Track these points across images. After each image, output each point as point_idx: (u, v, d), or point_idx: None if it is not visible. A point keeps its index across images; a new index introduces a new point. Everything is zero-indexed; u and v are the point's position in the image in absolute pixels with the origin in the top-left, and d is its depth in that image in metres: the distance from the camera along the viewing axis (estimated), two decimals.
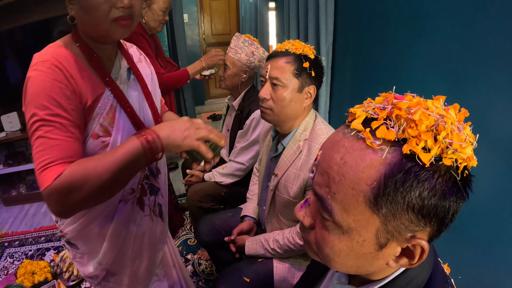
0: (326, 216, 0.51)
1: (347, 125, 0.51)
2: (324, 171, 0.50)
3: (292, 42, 1.27)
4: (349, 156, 0.47)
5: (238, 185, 2.00)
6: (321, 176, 0.51)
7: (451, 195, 0.44)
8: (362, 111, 0.49)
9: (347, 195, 0.47)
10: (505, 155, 0.94)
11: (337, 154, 0.49)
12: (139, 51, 1.12)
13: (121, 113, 0.95)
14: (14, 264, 2.36)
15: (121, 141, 0.93)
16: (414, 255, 0.49)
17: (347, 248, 0.51)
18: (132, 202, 1.04)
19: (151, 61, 2.05)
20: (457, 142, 0.43)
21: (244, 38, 1.88)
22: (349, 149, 0.47)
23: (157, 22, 2.10)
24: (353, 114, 0.50)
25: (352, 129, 0.48)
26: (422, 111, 0.44)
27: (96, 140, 0.90)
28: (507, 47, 0.95)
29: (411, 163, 0.43)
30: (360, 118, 0.48)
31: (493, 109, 0.97)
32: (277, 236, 1.36)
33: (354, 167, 0.46)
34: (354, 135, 0.48)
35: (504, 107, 0.94)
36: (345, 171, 0.47)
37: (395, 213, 0.45)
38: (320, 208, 0.52)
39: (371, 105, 0.49)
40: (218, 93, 5.75)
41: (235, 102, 2.00)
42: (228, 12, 5.39)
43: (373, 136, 0.46)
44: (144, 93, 1.05)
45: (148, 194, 1.09)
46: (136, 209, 1.06)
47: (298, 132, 1.30)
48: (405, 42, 1.38)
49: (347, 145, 0.48)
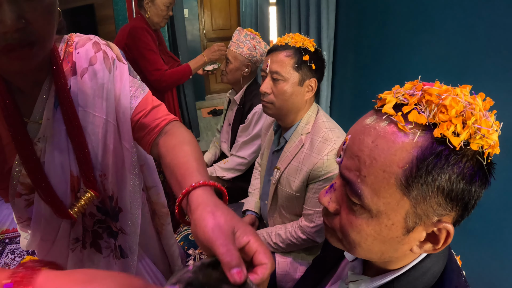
0: (355, 200, 0.51)
1: (376, 110, 0.52)
2: (354, 155, 0.51)
3: (291, 36, 1.26)
4: (381, 139, 0.48)
5: (240, 179, 2.00)
6: (350, 160, 0.52)
7: (478, 180, 0.46)
8: (392, 97, 0.50)
9: (378, 178, 0.48)
10: (506, 151, 0.94)
11: (368, 137, 0.50)
12: (97, 46, 0.81)
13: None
14: (15, 261, 2.36)
15: None
16: (439, 239, 0.50)
17: (374, 232, 0.51)
18: (80, 249, 0.94)
19: (154, 58, 2.03)
20: (485, 128, 0.45)
21: (246, 32, 1.88)
22: (381, 132, 0.48)
23: (161, 17, 2.09)
24: (383, 99, 0.51)
25: (383, 113, 0.49)
26: (452, 97, 0.45)
27: (19, 198, 0.82)
28: (508, 41, 0.95)
29: (441, 147, 0.45)
30: (391, 103, 0.49)
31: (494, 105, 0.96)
32: (279, 230, 1.36)
33: (386, 150, 0.47)
34: (386, 119, 0.49)
35: (505, 102, 0.94)
36: (376, 153, 0.48)
37: (425, 195, 0.46)
38: (349, 192, 0.52)
39: (400, 91, 0.50)
40: (219, 88, 5.74)
41: (237, 96, 2.00)
42: (228, 7, 5.37)
43: (405, 120, 0.47)
44: (69, 126, 0.78)
45: (105, 237, 0.95)
46: (91, 252, 0.95)
47: (300, 126, 1.30)
48: (406, 36, 1.37)
49: (378, 128, 0.49)
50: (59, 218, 0.86)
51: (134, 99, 0.84)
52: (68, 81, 0.77)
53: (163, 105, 0.88)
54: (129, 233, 0.94)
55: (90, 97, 0.79)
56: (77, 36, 0.82)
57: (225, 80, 1.99)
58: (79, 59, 0.79)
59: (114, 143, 0.84)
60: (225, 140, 2.16)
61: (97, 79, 0.79)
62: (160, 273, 1.13)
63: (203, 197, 0.57)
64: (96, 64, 0.79)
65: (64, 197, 0.83)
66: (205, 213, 0.52)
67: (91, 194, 0.84)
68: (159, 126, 0.82)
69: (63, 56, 0.78)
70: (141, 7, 2.07)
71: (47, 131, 0.77)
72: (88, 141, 0.81)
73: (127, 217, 0.93)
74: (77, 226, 0.91)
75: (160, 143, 0.80)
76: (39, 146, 0.78)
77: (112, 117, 0.82)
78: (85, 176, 0.82)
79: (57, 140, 0.79)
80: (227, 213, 0.53)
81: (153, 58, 2.02)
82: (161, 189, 1.07)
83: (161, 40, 2.27)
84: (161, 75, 2.03)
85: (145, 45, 2.00)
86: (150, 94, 0.88)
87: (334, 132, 1.22)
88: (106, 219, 0.93)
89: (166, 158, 0.74)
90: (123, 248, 0.96)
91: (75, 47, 0.80)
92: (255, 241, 0.49)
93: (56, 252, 0.92)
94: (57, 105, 0.77)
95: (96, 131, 0.81)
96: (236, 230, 0.51)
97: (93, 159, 0.83)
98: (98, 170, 0.84)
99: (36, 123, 0.76)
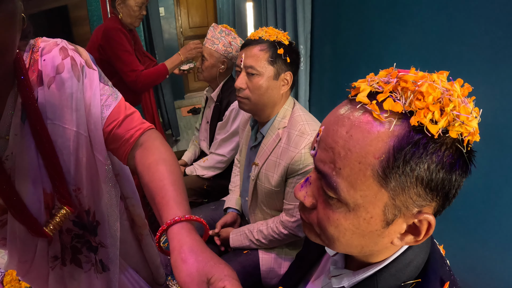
0: (330, 194, 0.49)
1: (350, 99, 0.50)
2: (329, 146, 0.49)
3: (265, 30, 1.24)
4: (356, 129, 0.46)
5: (220, 177, 1.98)
6: (324, 152, 0.50)
7: (458, 168, 0.45)
8: (366, 85, 0.48)
9: (353, 170, 0.46)
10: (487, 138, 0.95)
11: (342, 128, 0.47)
12: (64, 52, 0.75)
13: None
14: (0, 272, 2.28)
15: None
16: (420, 231, 0.48)
17: (353, 227, 0.49)
18: (60, 266, 0.90)
19: (129, 59, 1.98)
20: (464, 115, 0.43)
21: (221, 29, 1.85)
22: (355, 122, 0.46)
23: (134, 18, 2.04)
24: (357, 88, 0.49)
25: (357, 103, 0.47)
26: (429, 83, 0.44)
27: None
28: (485, 32, 0.96)
29: (418, 136, 0.43)
30: (365, 92, 0.47)
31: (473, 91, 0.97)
32: (261, 226, 1.35)
33: (361, 140, 0.45)
34: (360, 108, 0.47)
35: (482, 93, 0.95)
36: (351, 145, 0.46)
37: (404, 186, 0.45)
38: (324, 185, 0.50)
39: (375, 79, 0.48)
40: (198, 86, 5.69)
41: (214, 93, 1.98)
42: (205, 4, 5.31)
43: (380, 109, 0.45)
44: (38, 141, 0.73)
45: (85, 252, 0.91)
46: (71, 268, 0.91)
47: (276, 120, 1.28)
48: (383, 29, 1.37)
49: (353, 118, 0.47)
50: (35, 237, 0.82)
51: (106, 109, 0.79)
52: (35, 92, 0.71)
53: (137, 113, 0.84)
54: (109, 245, 0.91)
55: (59, 109, 0.74)
56: (43, 41, 0.76)
57: (201, 78, 1.97)
58: (45, 67, 0.72)
59: (87, 155, 0.79)
60: (204, 138, 2.14)
61: (65, 88, 0.73)
62: (143, 281, 1.11)
63: (178, 237, 0.58)
64: (64, 72, 0.73)
65: (38, 215, 0.78)
66: (179, 261, 0.55)
67: (66, 211, 0.80)
68: (134, 137, 0.79)
69: (28, 65, 0.72)
70: (114, 7, 2.02)
71: (16, 147, 0.72)
72: (59, 155, 0.76)
73: (105, 231, 0.89)
74: (55, 243, 0.86)
75: (137, 159, 0.77)
76: (8, 164, 0.73)
77: (84, 128, 0.77)
78: (59, 193, 0.78)
79: (27, 157, 0.73)
80: (200, 260, 0.55)
81: (128, 59, 1.98)
82: (138, 200, 1.04)
83: (136, 39, 2.22)
84: (136, 76, 1.99)
85: (120, 46, 1.95)
86: (123, 101, 0.83)
87: (311, 125, 1.21)
88: (84, 233, 0.89)
89: (143, 178, 0.72)
90: (104, 262, 0.93)
91: (41, 53, 0.73)
92: (231, 286, 0.51)
93: (36, 271, 0.88)
94: (25, 119, 0.71)
95: (67, 144, 0.76)
96: (210, 276, 0.53)
97: (66, 174, 0.78)
98: (71, 185, 0.80)
99: (3, 139, 0.71)
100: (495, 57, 0.94)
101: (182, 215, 0.60)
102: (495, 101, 0.95)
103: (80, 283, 0.92)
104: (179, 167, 0.77)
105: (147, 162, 0.74)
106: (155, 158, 0.74)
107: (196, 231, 0.62)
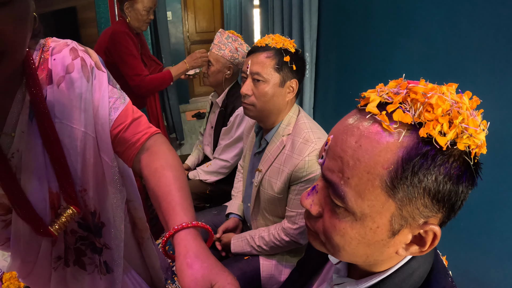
0: (338, 203, 0.49)
1: (359, 109, 0.50)
2: (337, 156, 0.49)
3: (272, 37, 1.25)
4: (365, 139, 0.46)
5: (223, 182, 1.98)
6: (333, 161, 0.50)
7: (465, 180, 0.45)
8: (376, 95, 0.48)
9: (362, 180, 0.46)
10: (490, 150, 0.95)
11: (352, 137, 0.47)
12: (75, 53, 0.75)
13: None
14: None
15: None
16: (425, 241, 0.49)
17: (359, 236, 0.49)
18: (63, 267, 0.90)
19: (134, 63, 1.99)
20: (473, 128, 0.43)
21: (228, 34, 1.87)
22: (364, 132, 0.46)
23: (141, 22, 2.06)
24: (366, 98, 0.49)
25: (366, 113, 0.47)
26: (438, 95, 0.44)
27: None
28: (490, 41, 0.96)
29: (427, 147, 0.43)
30: (375, 102, 0.47)
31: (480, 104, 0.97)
32: (262, 233, 1.35)
33: (370, 151, 0.45)
34: (369, 118, 0.47)
35: (487, 102, 0.95)
36: (360, 154, 0.46)
37: (411, 197, 0.45)
38: (331, 194, 0.50)
39: (384, 90, 0.49)
40: (203, 91, 5.72)
41: (219, 99, 1.98)
42: (212, 10, 5.36)
43: (389, 119, 0.45)
44: (45, 140, 0.73)
45: (89, 253, 0.91)
46: (74, 269, 0.91)
47: (281, 127, 1.29)
48: (389, 37, 1.38)
49: (362, 128, 0.47)
50: (39, 237, 0.81)
51: (114, 111, 0.79)
52: (44, 91, 0.72)
53: (144, 117, 0.84)
54: (114, 247, 0.90)
55: (67, 108, 0.73)
56: (53, 41, 0.76)
57: (207, 83, 1.98)
58: (55, 66, 0.73)
59: (94, 156, 0.79)
60: (208, 143, 2.14)
61: (74, 88, 0.73)
62: (145, 284, 1.11)
63: (184, 243, 0.59)
64: (74, 72, 0.74)
65: (43, 214, 0.78)
66: (184, 265, 0.56)
67: (72, 211, 0.80)
68: (140, 141, 0.79)
69: (38, 63, 0.72)
70: (122, 10, 2.04)
71: (22, 145, 0.72)
72: (67, 155, 0.75)
73: (110, 232, 0.89)
74: (59, 244, 0.86)
75: (143, 163, 0.77)
76: (14, 161, 0.73)
77: (91, 129, 0.77)
78: (66, 192, 0.78)
79: (33, 155, 0.73)
80: (206, 266, 0.56)
81: (133, 63, 1.99)
82: (140, 203, 1.04)
83: (143, 43, 2.24)
84: (141, 81, 2.00)
85: (126, 49, 1.97)
86: (131, 104, 0.83)
87: (315, 133, 1.21)
88: (88, 236, 0.88)
89: (149, 182, 0.73)
90: (108, 263, 0.92)
91: (51, 53, 0.74)
92: None
93: (38, 272, 0.88)
94: (32, 117, 0.71)
95: (74, 144, 0.76)
96: (214, 283, 0.54)
97: (72, 174, 0.77)
98: (78, 185, 0.80)
99: (9, 136, 0.71)
100: (501, 66, 0.94)
101: (189, 221, 0.61)
102: (500, 111, 0.95)
103: (83, 284, 0.92)
104: (185, 174, 0.78)
105: (153, 166, 0.74)
106: (162, 163, 0.74)
107: (202, 238, 0.62)
